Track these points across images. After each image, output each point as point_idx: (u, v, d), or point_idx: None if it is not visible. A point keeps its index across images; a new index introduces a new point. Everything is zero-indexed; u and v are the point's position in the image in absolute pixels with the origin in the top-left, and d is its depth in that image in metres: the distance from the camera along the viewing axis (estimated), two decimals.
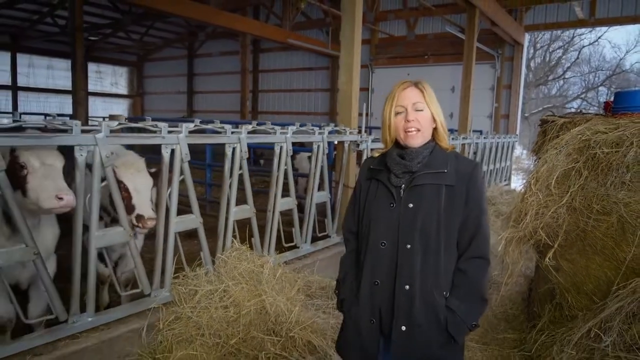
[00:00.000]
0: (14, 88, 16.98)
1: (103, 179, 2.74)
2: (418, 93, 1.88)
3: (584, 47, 27.02)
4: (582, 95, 27.21)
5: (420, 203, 1.85)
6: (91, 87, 19.66)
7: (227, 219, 3.60)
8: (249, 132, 3.65)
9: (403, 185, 1.88)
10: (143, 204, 2.97)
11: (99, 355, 2.77)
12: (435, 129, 1.92)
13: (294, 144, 4.19)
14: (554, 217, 3.34)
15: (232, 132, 3.55)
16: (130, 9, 13.39)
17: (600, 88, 27.02)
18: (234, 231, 3.71)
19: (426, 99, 1.87)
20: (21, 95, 17.12)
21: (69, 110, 16.56)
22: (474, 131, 8.94)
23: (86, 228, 2.73)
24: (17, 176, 2.41)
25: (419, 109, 1.86)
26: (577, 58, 27.57)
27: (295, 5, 12.51)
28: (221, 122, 3.62)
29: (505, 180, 10.49)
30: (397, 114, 1.89)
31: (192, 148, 3.27)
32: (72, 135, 2.53)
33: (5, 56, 16.76)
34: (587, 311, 3.24)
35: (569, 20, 11.71)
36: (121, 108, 20.15)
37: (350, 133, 4.80)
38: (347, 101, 4.93)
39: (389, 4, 13.83)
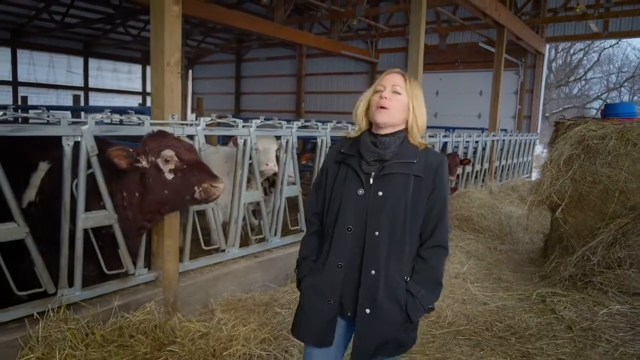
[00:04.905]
0: (86, 89, 19.24)
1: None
2: (401, 79, 1.91)
3: (604, 49, 27.62)
4: (603, 96, 27.89)
5: (389, 192, 1.87)
6: (149, 88, 21.83)
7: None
8: (257, 126, 4.05)
9: (373, 173, 1.89)
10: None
11: (282, 262, 4.59)
12: (408, 124, 1.93)
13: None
14: (562, 186, 5.05)
15: (243, 126, 3.96)
16: (199, 22, 15.29)
17: (621, 89, 27.91)
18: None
19: (407, 87, 1.90)
20: (91, 96, 19.37)
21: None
22: (500, 130, 10.64)
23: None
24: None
25: (397, 92, 1.89)
26: (598, 60, 28.24)
27: (341, 20, 14.34)
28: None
29: (527, 173, 12.11)
30: (375, 92, 1.92)
31: None
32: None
33: (79, 61, 19.02)
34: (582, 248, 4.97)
35: (585, 33, 13.18)
36: None
37: None
38: None
39: None
